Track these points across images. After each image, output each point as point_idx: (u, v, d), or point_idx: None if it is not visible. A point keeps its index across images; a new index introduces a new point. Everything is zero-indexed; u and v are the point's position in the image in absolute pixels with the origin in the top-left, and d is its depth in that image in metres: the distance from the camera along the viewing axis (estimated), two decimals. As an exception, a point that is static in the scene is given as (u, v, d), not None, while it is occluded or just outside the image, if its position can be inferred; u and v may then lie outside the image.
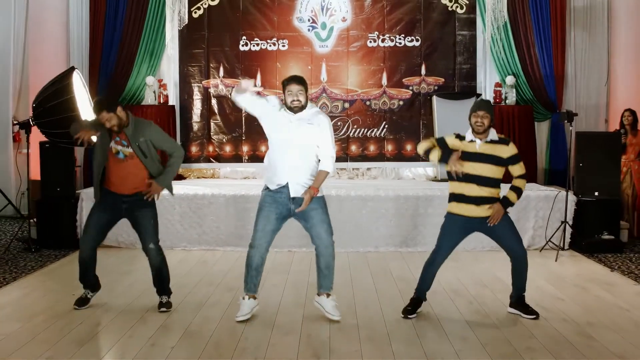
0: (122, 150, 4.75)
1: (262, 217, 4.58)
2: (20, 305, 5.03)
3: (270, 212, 4.56)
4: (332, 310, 4.62)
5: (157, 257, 4.93)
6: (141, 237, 4.91)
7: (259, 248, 4.58)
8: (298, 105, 4.49)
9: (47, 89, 6.67)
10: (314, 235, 4.60)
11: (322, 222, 4.57)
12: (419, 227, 7.18)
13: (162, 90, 9.00)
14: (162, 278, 4.99)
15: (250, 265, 4.61)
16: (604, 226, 7.12)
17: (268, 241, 4.60)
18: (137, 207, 4.82)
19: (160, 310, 4.90)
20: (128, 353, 4.01)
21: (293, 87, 4.48)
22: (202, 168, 9.25)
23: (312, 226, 4.58)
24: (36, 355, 3.95)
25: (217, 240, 7.20)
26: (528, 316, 4.66)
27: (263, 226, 4.56)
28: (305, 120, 4.52)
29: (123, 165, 4.76)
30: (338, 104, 9.20)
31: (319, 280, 4.70)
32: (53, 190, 7.28)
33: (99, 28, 8.80)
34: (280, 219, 4.58)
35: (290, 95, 4.50)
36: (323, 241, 4.58)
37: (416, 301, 4.78)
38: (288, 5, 9.15)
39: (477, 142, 4.57)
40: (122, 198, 4.80)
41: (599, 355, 3.99)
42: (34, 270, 6.19)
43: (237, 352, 4.01)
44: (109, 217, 4.89)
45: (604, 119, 9.16)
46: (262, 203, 4.62)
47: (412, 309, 4.73)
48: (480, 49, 9.13)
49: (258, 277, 4.64)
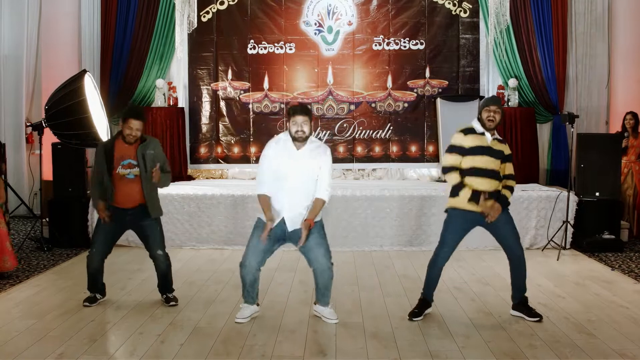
0: (132, 171, 4.88)
1: (255, 236, 4.55)
2: (33, 303, 5.11)
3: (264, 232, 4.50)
4: (330, 315, 4.68)
5: (164, 262, 5.07)
6: (148, 246, 5.05)
7: (250, 267, 4.53)
8: (302, 136, 4.50)
9: (59, 91, 6.79)
10: (312, 259, 4.56)
11: (319, 246, 4.53)
12: (423, 227, 7.27)
13: (172, 92, 9.09)
14: (167, 281, 5.15)
15: (245, 283, 4.61)
16: (605, 226, 7.20)
17: (259, 261, 4.54)
18: (141, 218, 4.96)
19: (170, 304, 5.03)
20: (138, 350, 4.07)
21: (298, 118, 4.47)
22: (210, 169, 9.37)
23: (308, 250, 4.54)
24: (48, 352, 4.02)
25: (225, 239, 7.32)
26: (531, 319, 4.63)
27: (255, 245, 4.53)
28: (307, 156, 4.53)
29: (130, 184, 4.90)
30: (344, 106, 9.29)
31: (317, 296, 4.73)
32: (65, 190, 7.41)
33: (110, 32, 8.89)
34: (274, 240, 4.53)
35: (295, 126, 4.48)
36: (321, 265, 4.54)
37: (423, 303, 4.76)
38: (295, 10, 9.24)
39: (487, 136, 4.61)
40: (127, 211, 4.94)
41: (599, 352, 4.05)
42: (46, 268, 6.30)
43: (244, 350, 4.07)
44: (115, 231, 5.05)
45: (604, 120, 9.20)
46: (258, 223, 4.63)
47: (419, 311, 4.70)
48: (483, 52, 9.20)
49: (254, 291, 4.65)
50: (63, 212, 7.40)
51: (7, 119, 9.33)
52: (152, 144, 4.99)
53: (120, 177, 4.87)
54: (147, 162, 4.88)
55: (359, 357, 4.00)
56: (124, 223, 5.02)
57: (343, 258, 6.77)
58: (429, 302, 4.78)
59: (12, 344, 4.16)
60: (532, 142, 8.87)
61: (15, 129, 9.30)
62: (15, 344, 4.17)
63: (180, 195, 7.34)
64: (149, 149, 4.92)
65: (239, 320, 4.64)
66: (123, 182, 4.89)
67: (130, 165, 4.87)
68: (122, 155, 4.88)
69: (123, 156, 4.88)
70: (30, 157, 8.97)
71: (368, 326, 4.56)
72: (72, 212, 7.39)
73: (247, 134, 9.31)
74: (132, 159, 4.88)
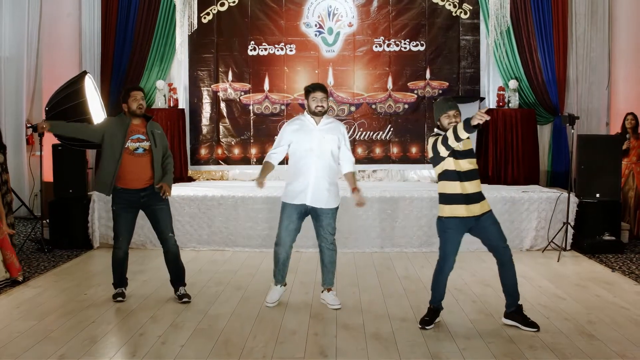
0: (142, 145, 5.03)
1: (285, 217, 5.02)
2: (34, 304, 5.11)
3: (292, 212, 4.99)
4: (333, 300, 5.05)
5: (175, 246, 5.21)
6: (159, 229, 5.16)
7: (284, 245, 5.03)
8: (322, 111, 4.97)
9: (59, 92, 6.78)
10: (321, 233, 5.04)
11: (329, 226, 5.04)
12: (424, 228, 7.27)
13: (172, 94, 9.09)
14: (180, 268, 5.25)
15: (278, 261, 5.09)
16: (605, 227, 7.20)
17: (292, 239, 5.05)
18: (154, 201, 5.09)
19: (182, 301, 5.11)
20: (139, 351, 4.08)
21: (318, 94, 4.94)
22: (211, 170, 9.38)
23: (321, 227, 5.04)
24: (49, 353, 4.03)
25: (226, 241, 7.32)
26: (527, 328, 4.46)
27: (286, 226, 5.00)
28: (326, 130, 4.99)
29: (138, 161, 5.02)
30: (344, 108, 9.30)
31: (323, 276, 5.15)
32: (65, 191, 7.41)
33: (110, 33, 8.89)
34: (300, 217, 5.03)
35: (315, 101, 4.94)
36: (327, 239, 5.04)
37: (434, 312, 4.61)
38: (295, 11, 9.25)
39: None
40: (139, 192, 5.06)
41: (600, 353, 4.05)
42: (47, 270, 6.31)
43: (245, 351, 4.08)
44: (132, 215, 5.17)
45: (605, 122, 9.20)
46: (284, 206, 5.05)
47: (430, 320, 4.56)
48: (484, 53, 9.21)
49: (285, 269, 5.14)
50: (64, 214, 7.40)
51: (8, 120, 9.33)
52: (156, 124, 5.23)
53: (130, 152, 4.99)
54: (157, 139, 5.09)
55: (360, 358, 4.00)
56: (137, 204, 5.13)
57: (344, 259, 6.77)
58: (439, 310, 4.66)
59: (13, 345, 4.16)
60: (533, 143, 8.86)
61: (15, 130, 9.30)
62: (16, 345, 4.18)
63: (181, 197, 7.34)
64: (156, 129, 5.15)
65: (269, 305, 5.05)
66: (131, 159, 5.00)
67: (139, 139, 5.03)
68: (131, 130, 5.05)
69: (132, 131, 5.05)
70: (30, 158, 8.97)
71: (369, 327, 4.56)
72: (73, 214, 7.39)
73: (247, 135, 9.31)
74: (142, 135, 5.05)
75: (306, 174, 4.92)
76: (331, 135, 4.98)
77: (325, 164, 4.95)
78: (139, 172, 5.01)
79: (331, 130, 5.00)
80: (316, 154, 4.92)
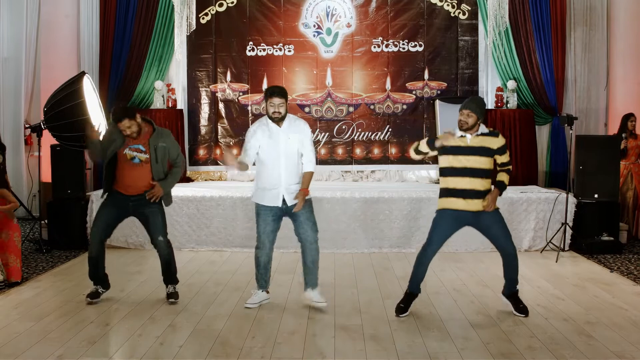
0: (139, 156, 4.97)
1: (261, 221, 5.00)
2: (32, 305, 5.11)
3: (267, 216, 4.98)
4: (318, 297, 5.03)
5: (166, 249, 5.16)
6: (150, 232, 5.13)
7: (264, 248, 5.02)
8: (278, 117, 4.90)
9: (58, 93, 6.79)
10: (301, 232, 4.99)
11: (308, 221, 4.97)
12: (422, 229, 7.24)
13: (171, 94, 9.08)
14: (170, 269, 5.22)
15: (259, 265, 5.07)
16: (604, 228, 7.22)
17: (271, 240, 5.02)
18: (144, 205, 5.05)
19: (169, 301, 5.10)
20: (137, 352, 4.09)
21: (275, 99, 4.86)
22: (209, 170, 9.36)
23: (299, 224, 4.98)
24: (47, 353, 4.03)
25: (224, 241, 7.32)
26: (517, 313, 4.77)
27: (263, 228, 4.99)
28: (291, 130, 4.95)
29: (135, 170, 4.98)
30: (343, 108, 9.30)
31: (306, 277, 5.09)
32: (64, 192, 7.40)
33: (109, 34, 8.88)
34: (276, 219, 5.00)
35: (273, 107, 4.88)
36: (309, 238, 4.98)
37: (409, 297, 4.87)
38: (294, 12, 9.25)
39: (467, 137, 4.71)
40: (129, 198, 5.04)
41: (598, 353, 4.06)
42: (45, 270, 6.30)
43: (244, 351, 4.09)
44: (116, 214, 5.12)
45: (603, 122, 9.21)
46: (258, 210, 5.04)
47: (405, 307, 4.83)
48: (482, 54, 9.20)
49: (267, 274, 5.11)
50: (62, 214, 7.39)
51: (6, 120, 9.33)
52: (164, 135, 5.13)
53: (126, 159, 4.96)
54: (159, 154, 5.04)
55: (358, 359, 4.01)
56: (126, 210, 5.10)
57: (342, 260, 6.78)
58: (415, 294, 4.89)
59: (12, 346, 4.16)
60: (531, 144, 8.88)
61: (14, 131, 9.30)
62: (14, 345, 4.18)
63: (179, 197, 7.33)
64: (161, 142, 5.07)
65: (249, 306, 5.01)
66: (127, 166, 4.98)
67: (138, 150, 4.99)
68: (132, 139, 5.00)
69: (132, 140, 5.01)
70: (29, 158, 8.98)
71: (367, 328, 4.57)
72: (71, 214, 7.39)
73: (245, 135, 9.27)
74: (142, 145, 5.00)
75: (276, 177, 4.91)
76: (295, 134, 4.95)
77: (292, 163, 4.95)
78: (135, 180, 5.00)
79: (295, 129, 4.97)
80: (283, 157, 4.92)
